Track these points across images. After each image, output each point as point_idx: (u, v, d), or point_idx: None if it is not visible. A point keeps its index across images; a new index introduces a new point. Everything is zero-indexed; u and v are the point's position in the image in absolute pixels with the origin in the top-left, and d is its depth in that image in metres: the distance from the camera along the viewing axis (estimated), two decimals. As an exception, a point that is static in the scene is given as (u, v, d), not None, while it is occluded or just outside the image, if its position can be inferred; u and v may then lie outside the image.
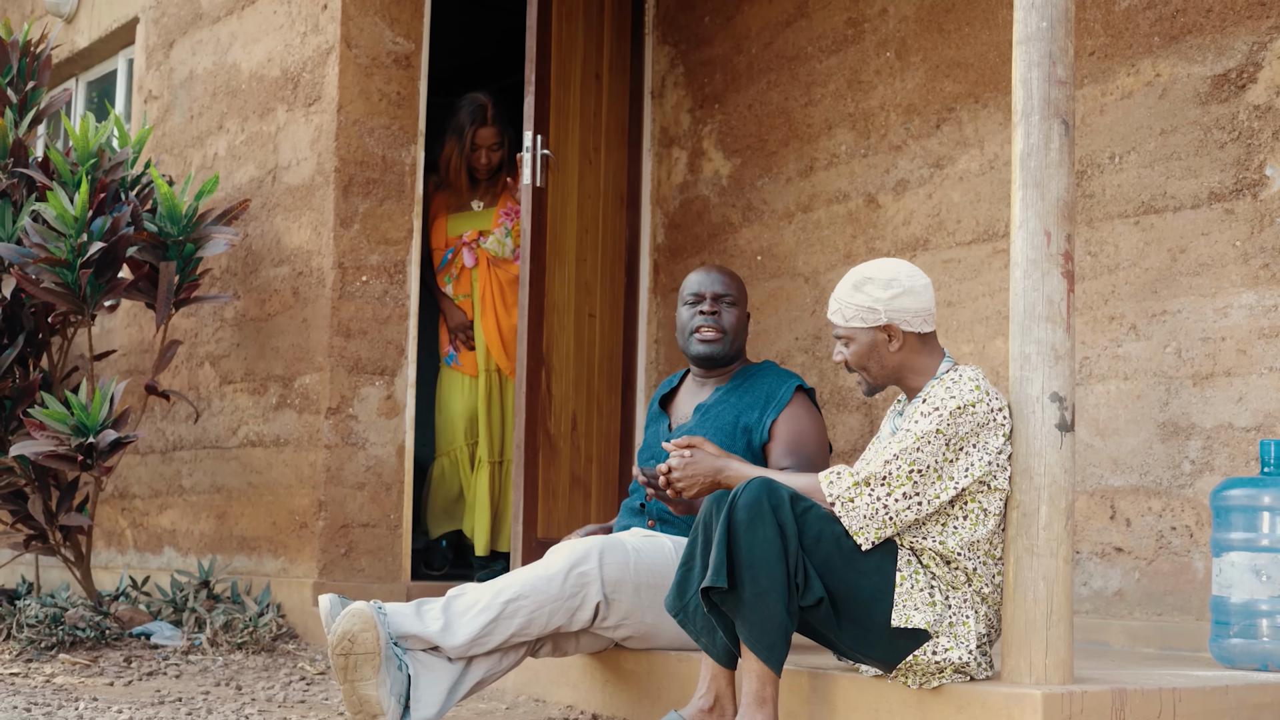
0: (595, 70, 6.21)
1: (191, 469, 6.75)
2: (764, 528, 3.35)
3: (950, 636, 3.34)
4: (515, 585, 3.87)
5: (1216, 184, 4.51)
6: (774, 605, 3.34)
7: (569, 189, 6.02)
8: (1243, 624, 3.85)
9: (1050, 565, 3.27)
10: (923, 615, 3.33)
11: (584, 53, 6.15)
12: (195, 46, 6.98)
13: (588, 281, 6.12)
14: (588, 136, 6.16)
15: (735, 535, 3.37)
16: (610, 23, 6.34)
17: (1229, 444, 4.41)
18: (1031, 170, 3.36)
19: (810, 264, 5.73)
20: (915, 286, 3.50)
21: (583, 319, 6.08)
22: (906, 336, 3.52)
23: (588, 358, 6.12)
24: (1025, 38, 3.40)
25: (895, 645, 3.36)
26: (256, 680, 4.93)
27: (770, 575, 3.33)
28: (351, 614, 3.64)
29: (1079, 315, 4.79)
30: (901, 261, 3.56)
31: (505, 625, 3.83)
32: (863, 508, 3.34)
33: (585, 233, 6.11)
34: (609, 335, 6.27)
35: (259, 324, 6.33)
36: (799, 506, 3.38)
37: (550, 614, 3.88)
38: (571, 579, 3.92)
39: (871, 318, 3.51)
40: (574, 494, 6.01)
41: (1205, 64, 4.57)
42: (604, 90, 6.27)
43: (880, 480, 3.33)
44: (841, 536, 3.39)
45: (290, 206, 6.18)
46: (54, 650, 5.43)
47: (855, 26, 5.65)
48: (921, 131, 5.38)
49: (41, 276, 5.66)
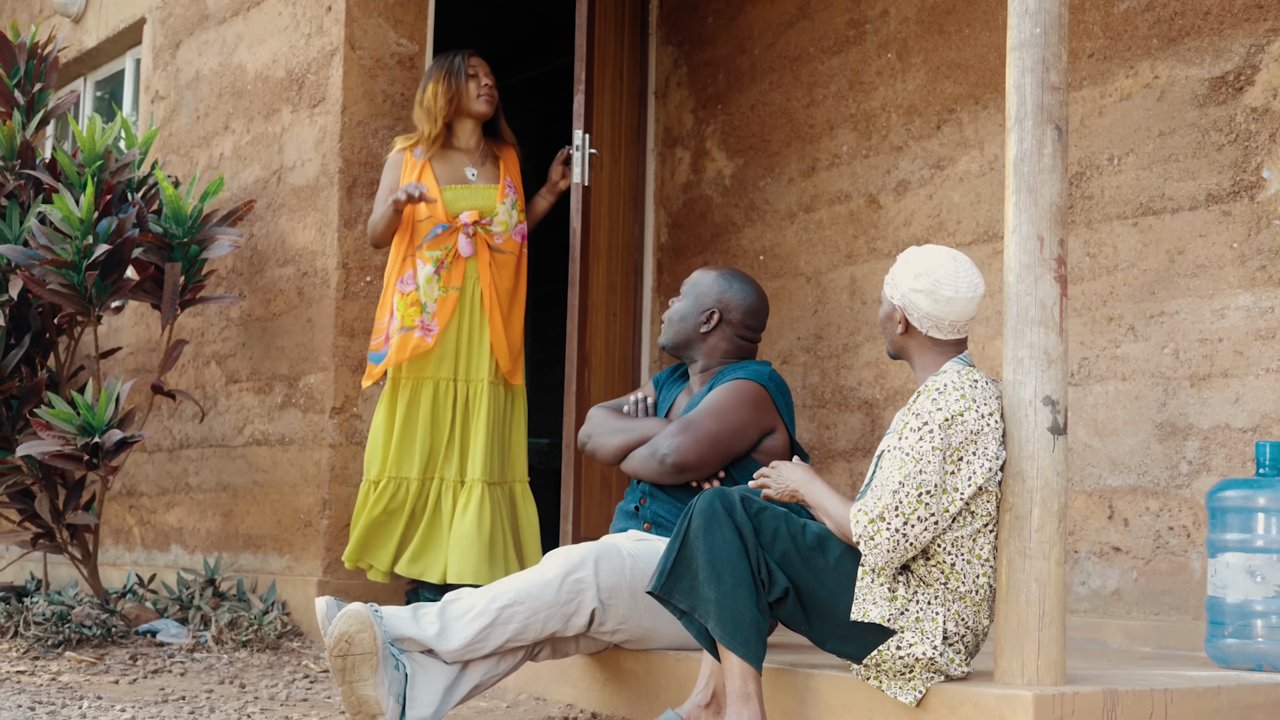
0: (619, 70, 6.24)
1: (198, 467, 6.80)
2: (721, 529, 3.45)
3: (915, 632, 3.36)
4: (510, 591, 3.90)
5: (1214, 186, 4.53)
6: (743, 601, 3.41)
7: (603, 188, 6.07)
8: (1237, 624, 3.87)
9: (1043, 567, 3.30)
10: (880, 610, 3.36)
11: (614, 53, 6.19)
12: (201, 47, 7.02)
13: (614, 280, 6.17)
14: (616, 136, 6.19)
15: (693, 542, 3.49)
16: (626, 23, 6.37)
17: (1226, 445, 4.43)
18: (1025, 175, 3.38)
19: (812, 264, 5.76)
20: (940, 294, 3.46)
21: (612, 318, 6.13)
22: (911, 328, 3.54)
23: (614, 357, 6.16)
24: (1019, 43, 3.42)
25: (862, 639, 3.40)
26: (260, 678, 4.97)
27: (735, 572, 3.43)
28: (348, 615, 3.67)
29: (1078, 316, 4.82)
30: (954, 268, 3.49)
31: (500, 631, 3.85)
32: (884, 543, 3.33)
33: (612, 231, 6.14)
34: (624, 334, 6.31)
35: (264, 323, 6.37)
36: (752, 508, 3.49)
37: (545, 620, 3.91)
38: (567, 585, 3.94)
39: (891, 291, 3.56)
40: (603, 494, 6.04)
41: (1203, 66, 4.59)
42: (623, 90, 6.31)
43: (894, 511, 3.32)
44: (798, 534, 3.47)
45: (295, 207, 6.22)
46: (60, 648, 5.47)
47: (857, 28, 5.67)
48: (922, 132, 5.40)
49: (48, 278, 5.70)
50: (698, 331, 4.45)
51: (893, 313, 3.57)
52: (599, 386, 5.93)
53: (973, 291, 3.48)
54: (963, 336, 3.55)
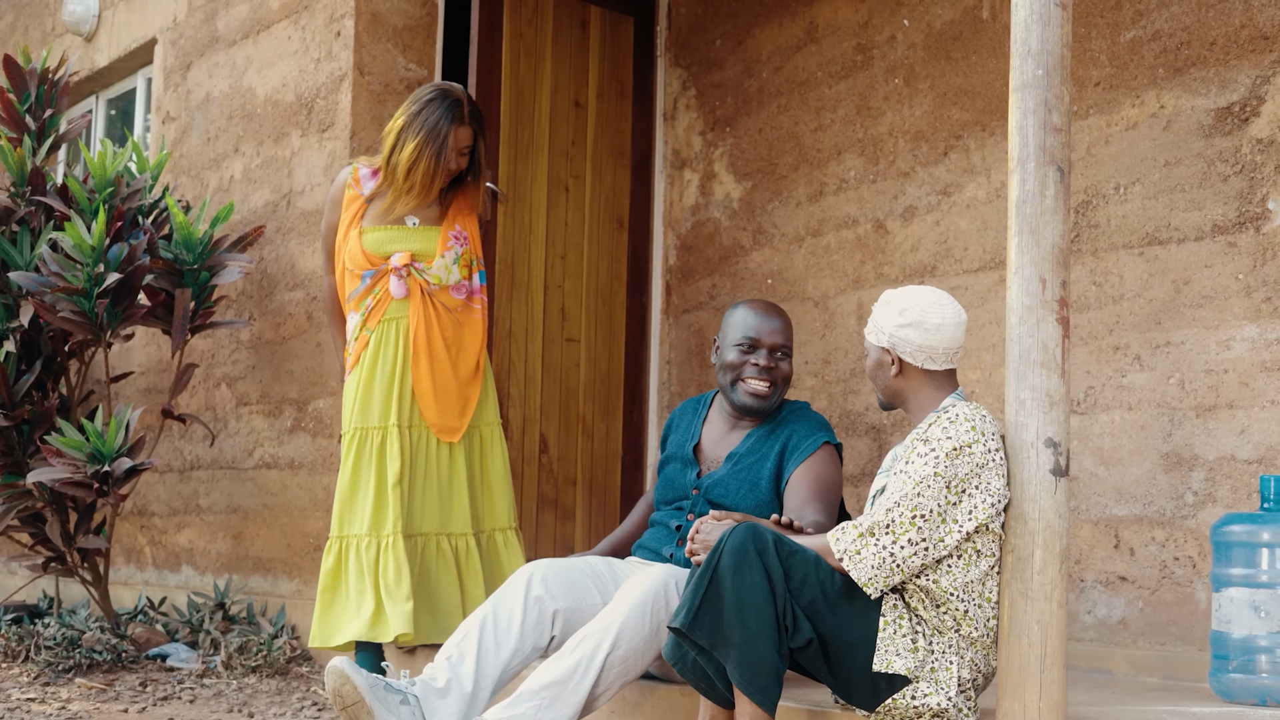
0: (575, 99, 6.29)
1: (209, 489, 6.82)
2: (751, 571, 3.38)
3: (931, 682, 3.36)
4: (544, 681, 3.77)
5: (1220, 216, 4.53)
6: (764, 648, 3.37)
7: (533, 218, 6.16)
8: (1241, 659, 3.87)
9: (1045, 609, 3.30)
10: (903, 661, 3.36)
11: (554, 82, 6.23)
12: (212, 69, 7.04)
13: (565, 307, 6.25)
14: (560, 164, 6.24)
15: (721, 580, 3.41)
16: (600, 49, 6.41)
17: (1231, 476, 4.43)
18: (1027, 217, 3.39)
19: (820, 288, 5.77)
20: (927, 323, 3.50)
21: (554, 344, 6.20)
22: (906, 366, 3.55)
23: (564, 381, 6.21)
24: (1021, 85, 3.43)
25: (876, 689, 3.39)
26: (269, 705, 4.99)
27: (760, 618, 3.37)
28: (330, 672, 3.71)
29: (1084, 345, 4.82)
30: (935, 298, 3.54)
31: None
32: (870, 559, 3.36)
33: (559, 259, 6.20)
34: (600, 358, 6.34)
35: (274, 347, 6.39)
36: (784, 550, 3.42)
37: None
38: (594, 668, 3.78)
39: (878, 337, 3.58)
40: (543, 515, 6.09)
41: (1209, 96, 4.59)
42: (589, 116, 6.35)
43: (885, 529, 3.35)
44: (826, 581, 3.42)
45: (304, 231, 6.24)
46: (71, 673, 5.50)
47: (864, 53, 5.68)
48: (929, 158, 5.41)
49: (59, 305, 5.72)
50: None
51: (882, 357, 3.58)
52: (531, 411, 6.13)
53: (958, 317, 3.54)
54: (954, 367, 3.58)
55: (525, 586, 4.01)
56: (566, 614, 4.00)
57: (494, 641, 3.91)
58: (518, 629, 3.95)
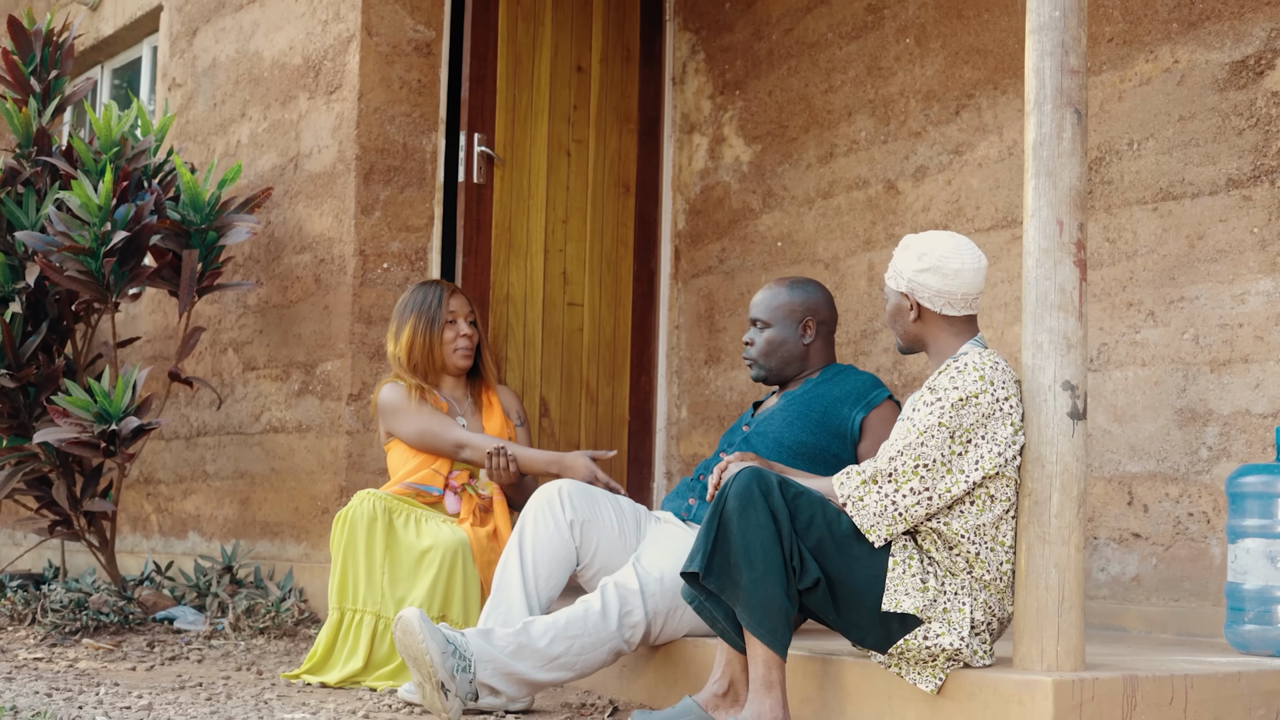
0: (577, 63, 6.27)
1: (215, 454, 6.80)
2: (756, 514, 3.38)
3: (943, 622, 3.34)
4: (566, 644, 4.00)
5: (1234, 171, 4.50)
6: (773, 589, 3.37)
7: (532, 183, 6.15)
8: (1257, 610, 3.85)
9: (1062, 553, 3.28)
10: (912, 600, 3.34)
11: (554, 47, 6.21)
12: (218, 34, 7.01)
13: (566, 271, 6.25)
14: (562, 128, 6.22)
15: (727, 524, 3.42)
16: (604, 14, 6.37)
17: (1246, 430, 4.41)
18: (1044, 159, 3.36)
19: (830, 250, 5.74)
20: (946, 268, 3.49)
21: (555, 308, 6.20)
22: (925, 311, 3.54)
23: (567, 345, 6.20)
24: (1038, 27, 3.40)
25: (889, 630, 3.38)
26: (278, 665, 4.97)
27: (767, 559, 3.37)
28: (398, 623, 3.88)
29: (1097, 301, 4.79)
30: (955, 243, 3.53)
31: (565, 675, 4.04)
32: (872, 505, 3.35)
33: (560, 224, 6.19)
34: (604, 322, 6.33)
35: (281, 310, 6.37)
36: (789, 491, 3.41)
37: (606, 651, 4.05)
38: (625, 626, 4.04)
39: (896, 282, 3.56)
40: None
41: (1223, 50, 4.56)
42: (592, 81, 6.32)
43: (887, 477, 3.35)
44: (834, 521, 3.41)
45: (312, 194, 6.21)
46: (78, 635, 5.49)
47: (875, 13, 5.64)
48: (941, 118, 5.38)
49: (65, 265, 5.70)
50: (800, 345, 4.44)
51: (902, 302, 3.57)
52: (531, 375, 6.15)
53: (977, 262, 3.52)
54: (974, 313, 3.56)
55: (550, 510, 4.27)
56: (582, 525, 4.26)
57: (532, 568, 4.19)
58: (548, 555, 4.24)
